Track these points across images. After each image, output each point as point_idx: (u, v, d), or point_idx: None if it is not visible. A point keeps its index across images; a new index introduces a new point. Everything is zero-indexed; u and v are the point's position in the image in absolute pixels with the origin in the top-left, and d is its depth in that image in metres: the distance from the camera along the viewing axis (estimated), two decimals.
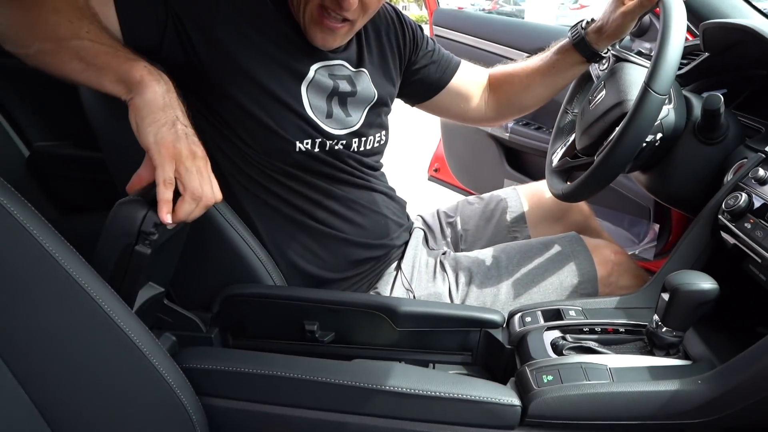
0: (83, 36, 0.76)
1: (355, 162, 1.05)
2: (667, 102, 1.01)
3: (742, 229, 0.79)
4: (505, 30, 2.11)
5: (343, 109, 1.02)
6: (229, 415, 0.78)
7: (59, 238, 0.65)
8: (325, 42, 0.96)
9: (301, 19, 0.94)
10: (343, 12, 0.91)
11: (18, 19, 0.75)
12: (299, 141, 0.96)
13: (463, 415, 0.73)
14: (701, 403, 0.68)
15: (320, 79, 0.99)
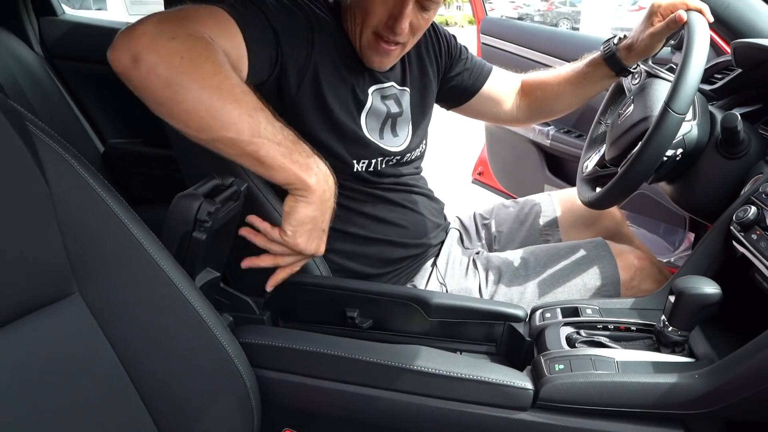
0: (261, 133, 0.79)
1: (401, 173, 1.16)
2: (691, 118, 1.07)
3: (749, 240, 0.85)
4: (550, 40, 2.17)
5: (393, 129, 1.13)
6: (278, 386, 0.90)
7: (143, 225, 0.78)
8: (381, 64, 1.07)
9: (358, 44, 1.05)
10: (396, 37, 1.01)
11: (204, 107, 0.77)
12: (357, 162, 1.07)
13: (481, 395, 0.82)
14: (697, 396, 0.75)
15: (376, 105, 1.09)
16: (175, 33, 0.76)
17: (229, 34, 0.85)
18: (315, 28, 1.00)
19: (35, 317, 0.67)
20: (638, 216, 1.90)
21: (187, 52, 0.76)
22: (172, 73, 0.75)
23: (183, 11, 0.82)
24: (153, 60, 0.74)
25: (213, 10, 0.86)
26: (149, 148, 2.02)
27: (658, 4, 1.10)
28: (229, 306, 1.06)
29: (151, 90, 0.77)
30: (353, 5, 1.03)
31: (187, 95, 0.76)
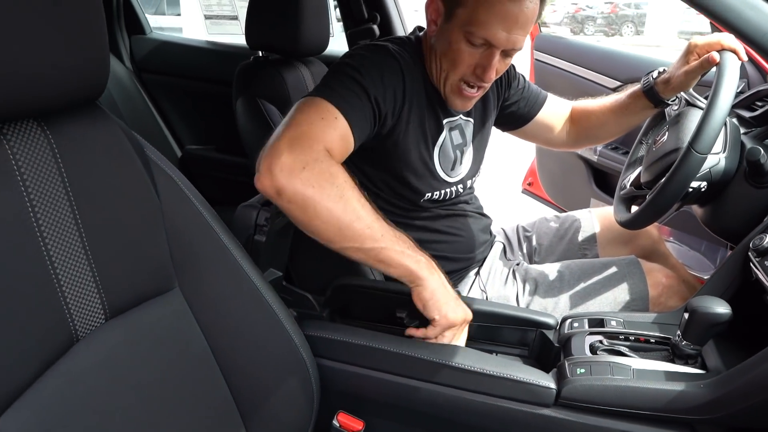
0: (379, 240, 0.97)
1: (458, 196, 1.28)
2: (720, 150, 1.15)
3: (763, 266, 0.94)
4: (601, 59, 2.25)
5: (458, 160, 1.25)
6: (335, 373, 1.05)
7: (228, 232, 0.94)
8: (464, 107, 1.18)
9: (442, 89, 1.15)
10: (484, 83, 1.12)
11: (333, 226, 0.95)
12: (428, 192, 1.20)
13: (509, 391, 0.94)
14: (702, 403, 0.85)
15: (447, 139, 1.21)
16: (305, 162, 0.93)
17: (338, 132, 1.00)
18: (406, 74, 1.10)
19: (146, 306, 0.84)
20: (681, 233, 1.96)
21: (317, 181, 0.93)
22: (307, 202, 0.93)
23: (305, 128, 0.97)
24: (291, 193, 0.93)
25: (322, 110, 0.99)
26: (222, 155, 2.22)
27: (695, 44, 1.19)
28: (292, 302, 1.21)
29: (291, 213, 0.96)
30: (440, 53, 1.12)
31: (318, 218, 0.94)
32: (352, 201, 0.96)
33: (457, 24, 1.07)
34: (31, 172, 0.68)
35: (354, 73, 1.04)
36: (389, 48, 1.12)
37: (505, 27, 1.04)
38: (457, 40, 1.08)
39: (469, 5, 1.05)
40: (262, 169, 0.94)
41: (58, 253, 0.71)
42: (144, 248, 0.83)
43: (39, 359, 0.68)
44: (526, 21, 1.05)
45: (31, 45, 0.62)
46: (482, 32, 1.05)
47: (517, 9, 1.03)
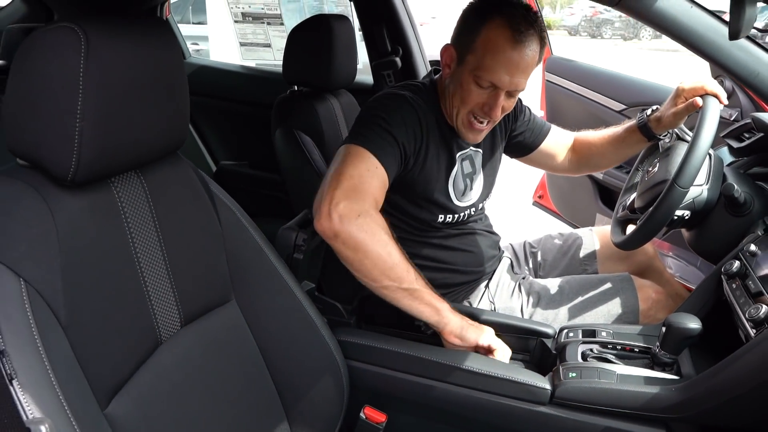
0: (413, 282, 1.15)
1: (470, 218, 1.45)
2: (703, 182, 1.30)
3: (731, 288, 1.10)
4: (608, 83, 2.39)
5: (468, 186, 1.41)
6: (362, 373, 1.22)
7: (273, 249, 1.12)
8: (474, 139, 1.35)
9: (455, 122, 1.31)
10: (490, 118, 1.28)
11: (378, 268, 1.13)
12: (441, 216, 1.37)
13: (511, 391, 1.11)
14: (673, 404, 1.01)
15: (458, 170, 1.37)
16: (360, 211, 1.11)
17: (379, 179, 1.17)
18: (422, 119, 1.26)
19: (210, 315, 1.02)
20: (679, 248, 2.11)
21: (369, 228, 1.11)
22: (358, 245, 1.11)
23: (357, 181, 1.14)
24: (346, 236, 1.10)
25: (367, 161, 1.17)
26: (254, 171, 2.41)
27: (682, 88, 1.34)
28: (323, 310, 1.38)
29: (343, 254, 1.13)
30: (452, 93, 1.28)
31: (367, 260, 1.12)
32: (395, 248, 1.15)
33: (467, 68, 1.24)
34: (131, 210, 0.87)
35: (382, 122, 1.21)
36: (407, 97, 1.28)
37: (508, 72, 1.21)
38: (467, 82, 1.24)
39: (477, 52, 1.22)
40: (323, 214, 1.11)
41: (148, 272, 0.89)
42: (210, 267, 1.01)
43: (135, 358, 0.86)
44: (526, 67, 1.22)
45: (142, 122, 0.81)
46: (488, 76, 1.21)
47: (518, 57, 1.20)
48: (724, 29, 1.16)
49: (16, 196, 0.75)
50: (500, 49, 1.20)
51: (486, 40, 1.21)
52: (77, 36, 0.72)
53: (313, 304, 1.15)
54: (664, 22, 1.24)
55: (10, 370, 0.65)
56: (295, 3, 2.75)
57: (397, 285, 1.15)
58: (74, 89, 0.72)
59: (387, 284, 1.15)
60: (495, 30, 1.20)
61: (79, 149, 0.74)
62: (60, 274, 0.75)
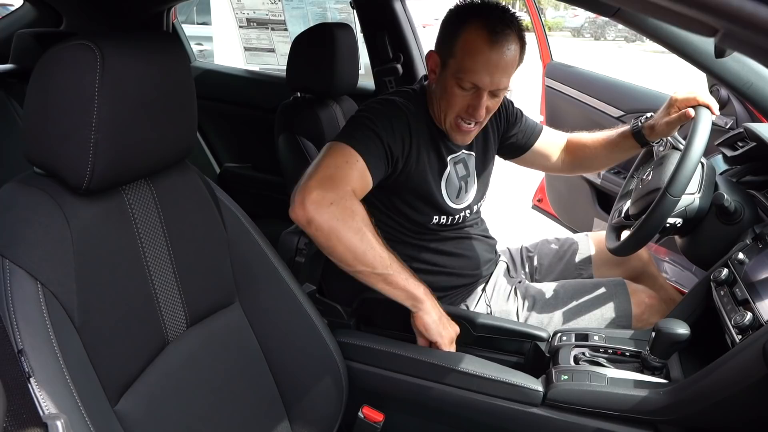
0: (387, 266, 1.19)
1: (465, 221, 1.49)
2: (696, 191, 1.34)
3: (719, 295, 1.13)
4: (607, 89, 2.43)
5: (463, 189, 1.45)
6: (361, 374, 1.26)
7: (276, 253, 1.15)
8: (463, 141, 1.39)
9: (444, 125, 1.35)
10: (475, 119, 1.31)
11: (351, 253, 1.17)
12: (436, 218, 1.40)
13: (505, 392, 1.15)
14: (661, 406, 1.05)
15: (452, 172, 1.41)
16: (333, 199, 1.15)
17: (358, 172, 1.21)
18: (411, 123, 1.30)
19: (215, 317, 1.06)
20: (675, 253, 2.14)
21: (341, 215, 1.15)
22: (331, 232, 1.15)
23: (333, 171, 1.18)
24: (318, 223, 1.14)
25: (346, 154, 1.21)
26: (258, 173, 2.45)
27: (675, 98, 1.38)
28: (323, 312, 1.42)
29: (317, 240, 1.17)
30: (438, 97, 1.33)
31: (340, 245, 1.16)
32: (368, 234, 1.18)
33: (449, 72, 1.28)
34: (141, 216, 0.91)
35: (370, 123, 1.26)
36: (397, 102, 1.33)
37: (488, 72, 1.24)
38: (451, 86, 1.28)
39: (458, 56, 1.26)
40: (296, 202, 1.15)
41: (156, 275, 0.93)
42: (215, 270, 1.05)
43: (143, 358, 0.90)
44: (506, 66, 1.26)
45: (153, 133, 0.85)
46: (469, 77, 1.25)
47: (496, 57, 1.23)
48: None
49: (33, 203, 0.79)
50: (478, 50, 1.24)
51: (464, 42, 1.25)
52: (93, 54, 0.76)
53: (314, 306, 1.19)
54: (660, 32, 1.28)
55: (28, 368, 0.69)
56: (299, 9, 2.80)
57: (371, 270, 1.19)
58: (90, 103, 0.76)
59: (360, 269, 1.19)
60: (472, 32, 1.24)
61: (94, 159, 0.78)
62: (74, 277, 0.79)
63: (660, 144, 1.55)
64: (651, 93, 2.32)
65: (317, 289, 1.46)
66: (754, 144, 1.48)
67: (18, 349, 0.69)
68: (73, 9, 2.34)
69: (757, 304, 1.02)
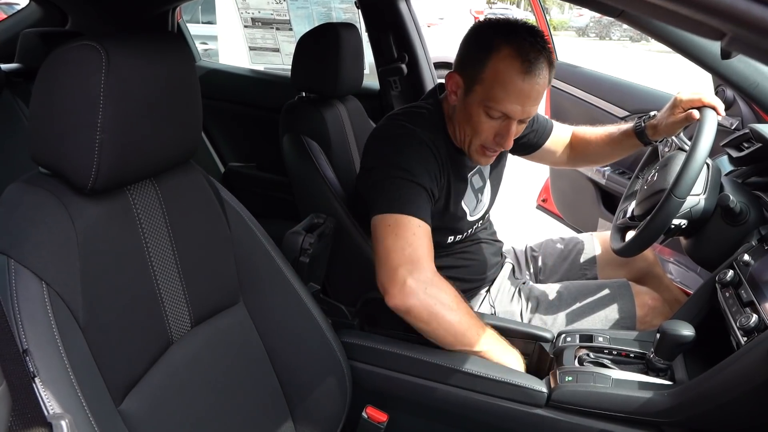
0: (482, 345, 1.20)
1: (476, 230, 1.48)
2: (701, 192, 1.33)
3: (723, 297, 1.13)
4: (612, 89, 2.42)
5: (479, 201, 1.45)
6: (365, 374, 1.26)
7: (280, 253, 1.16)
8: (486, 163, 1.38)
9: (466, 149, 1.32)
10: (504, 148, 1.29)
11: (450, 334, 1.19)
12: (451, 237, 1.41)
13: (509, 393, 1.15)
14: (665, 408, 1.04)
15: (470, 190, 1.41)
16: (425, 282, 1.16)
17: (426, 236, 1.22)
18: (435, 154, 1.29)
19: (219, 317, 1.06)
20: (680, 254, 2.13)
21: (437, 298, 1.17)
22: (431, 318, 1.17)
23: (410, 251, 1.18)
24: (419, 311, 1.16)
25: (411, 226, 1.20)
26: (262, 173, 2.45)
27: (680, 99, 1.37)
28: (327, 312, 1.42)
29: (417, 325, 1.19)
30: (461, 121, 1.29)
31: (440, 329, 1.19)
32: (463, 313, 1.20)
33: (476, 99, 1.23)
34: (145, 216, 0.91)
35: (408, 176, 1.23)
36: (417, 134, 1.29)
37: (520, 102, 1.20)
38: (478, 113, 1.24)
39: (486, 84, 1.20)
40: (393, 294, 1.17)
41: (161, 275, 0.93)
42: (219, 270, 1.05)
43: (147, 358, 0.91)
44: (537, 95, 1.21)
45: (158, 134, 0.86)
46: (500, 107, 1.21)
47: (528, 87, 1.18)
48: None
49: (38, 203, 0.79)
50: (511, 81, 1.18)
51: (495, 72, 1.19)
52: (98, 54, 0.76)
53: (318, 306, 1.19)
54: (666, 33, 1.28)
55: (33, 368, 0.70)
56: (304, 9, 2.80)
57: (469, 349, 1.20)
58: (95, 104, 0.76)
59: (459, 348, 1.21)
60: (504, 61, 1.18)
61: (99, 160, 0.78)
62: (79, 277, 0.79)
63: (665, 144, 1.54)
64: (656, 93, 2.31)
65: (321, 289, 1.47)
66: (759, 145, 1.48)
67: (23, 348, 0.70)
68: (78, 8, 2.35)
69: (763, 305, 1.01)
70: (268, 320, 1.13)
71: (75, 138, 0.78)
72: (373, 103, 2.21)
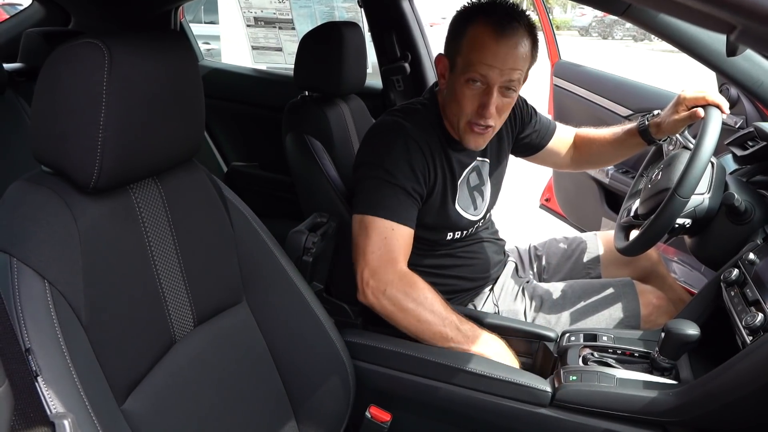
0: (450, 338, 1.22)
1: (477, 229, 1.48)
2: (705, 191, 1.32)
3: (729, 296, 1.12)
4: (616, 88, 2.41)
5: (477, 199, 1.44)
6: (368, 373, 1.25)
7: (284, 252, 1.15)
8: (477, 144, 1.34)
9: (457, 131, 1.32)
10: (486, 121, 1.28)
11: (421, 328, 1.22)
12: (450, 234, 1.40)
13: (513, 393, 1.14)
14: (670, 408, 1.04)
15: (466, 186, 1.40)
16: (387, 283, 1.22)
17: (399, 238, 1.26)
18: (425, 150, 1.30)
19: (222, 316, 1.05)
20: (683, 253, 2.12)
21: (401, 296, 1.22)
22: (392, 317, 1.24)
23: (378, 254, 1.24)
24: (380, 309, 1.24)
25: (382, 228, 1.24)
26: (265, 172, 2.45)
27: (684, 97, 1.36)
28: (331, 311, 1.42)
29: (389, 320, 1.25)
30: (449, 102, 1.31)
31: (409, 324, 1.24)
32: (426, 310, 1.23)
33: (458, 72, 1.26)
34: (148, 215, 0.91)
35: (391, 178, 1.25)
36: (408, 130, 1.30)
37: (496, 63, 1.21)
38: (460, 85, 1.26)
39: (464, 52, 1.24)
40: (360, 291, 1.25)
41: (164, 274, 0.93)
42: (222, 269, 1.05)
43: (150, 357, 0.90)
44: (515, 59, 1.22)
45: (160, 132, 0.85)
46: (476, 69, 1.22)
47: (504, 49, 1.20)
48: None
49: (41, 202, 0.79)
50: (484, 43, 1.21)
51: (470, 38, 1.23)
52: (101, 52, 0.75)
53: (321, 305, 1.19)
54: (669, 31, 1.27)
55: (35, 367, 0.69)
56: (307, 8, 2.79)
57: (441, 344, 1.23)
58: (98, 102, 0.76)
59: (430, 342, 1.24)
60: (478, 27, 1.22)
61: (102, 158, 0.78)
62: (81, 276, 0.79)
63: (669, 143, 1.53)
64: (659, 92, 2.31)
65: (324, 288, 1.47)
66: (764, 143, 1.47)
67: (25, 348, 0.69)
68: (81, 8, 2.35)
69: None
70: (271, 320, 1.13)
71: (77, 136, 0.77)
72: (376, 102, 2.20)
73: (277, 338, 1.13)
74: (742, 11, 0.32)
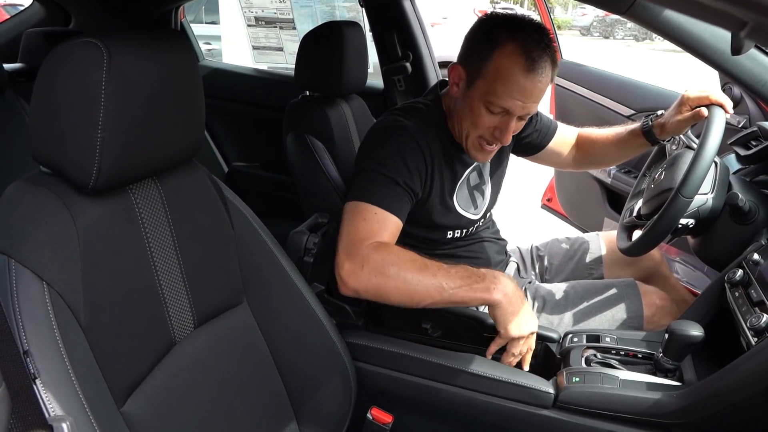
0: (445, 289, 1.15)
1: (477, 229, 1.47)
2: (709, 191, 1.31)
3: (733, 296, 1.11)
4: (618, 87, 2.40)
5: (477, 199, 1.43)
6: (369, 375, 1.25)
7: (284, 253, 1.14)
8: (483, 160, 1.35)
9: (464, 143, 1.31)
10: (502, 143, 1.27)
11: (405, 295, 1.15)
12: (450, 233, 1.39)
13: (516, 394, 1.13)
14: (674, 410, 1.03)
15: (466, 186, 1.39)
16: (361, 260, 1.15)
17: (378, 222, 1.20)
18: (424, 149, 1.27)
19: (223, 317, 1.05)
20: (686, 253, 2.11)
21: (376, 271, 1.14)
22: (378, 290, 1.16)
23: (353, 236, 1.18)
24: (363, 290, 1.16)
25: (362, 212, 1.20)
26: (266, 172, 2.44)
27: (687, 96, 1.35)
28: (332, 312, 1.41)
29: (374, 300, 1.19)
30: (461, 114, 1.28)
31: (393, 296, 1.16)
32: (410, 268, 1.15)
33: (477, 93, 1.23)
34: (148, 216, 0.90)
35: (382, 169, 1.22)
36: (408, 129, 1.27)
37: (521, 98, 1.19)
38: (478, 107, 1.23)
39: (488, 78, 1.20)
40: (338, 279, 1.17)
41: (164, 275, 0.92)
42: (223, 270, 1.04)
43: (150, 359, 0.90)
44: (539, 93, 1.21)
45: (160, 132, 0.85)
46: (500, 102, 1.20)
47: (531, 85, 1.18)
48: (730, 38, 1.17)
49: (40, 203, 0.78)
50: (513, 77, 1.18)
51: (498, 67, 1.19)
52: (100, 51, 0.75)
53: (322, 306, 1.18)
54: (672, 30, 1.26)
55: (34, 369, 0.69)
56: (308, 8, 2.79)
57: (431, 301, 1.16)
58: (96, 102, 0.75)
59: (423, 304, 1.17)
60: (507, 57, 1.18)
61: (101, 159, 0.77)
62: (80, 277, 0.78)
63: (672, 143, 1.52)
64: (662, 91, 2.30)
65: (326, 288, 1.45)
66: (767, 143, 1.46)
67: (23, 350, 0.69)
68: (81, 8, 2.35)
69: None
70: (272, 321, 1.12)
71: (76, 136, 0.77)
72: (377, 102, 2.19)
73: (277, 339, 1.13)
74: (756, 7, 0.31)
